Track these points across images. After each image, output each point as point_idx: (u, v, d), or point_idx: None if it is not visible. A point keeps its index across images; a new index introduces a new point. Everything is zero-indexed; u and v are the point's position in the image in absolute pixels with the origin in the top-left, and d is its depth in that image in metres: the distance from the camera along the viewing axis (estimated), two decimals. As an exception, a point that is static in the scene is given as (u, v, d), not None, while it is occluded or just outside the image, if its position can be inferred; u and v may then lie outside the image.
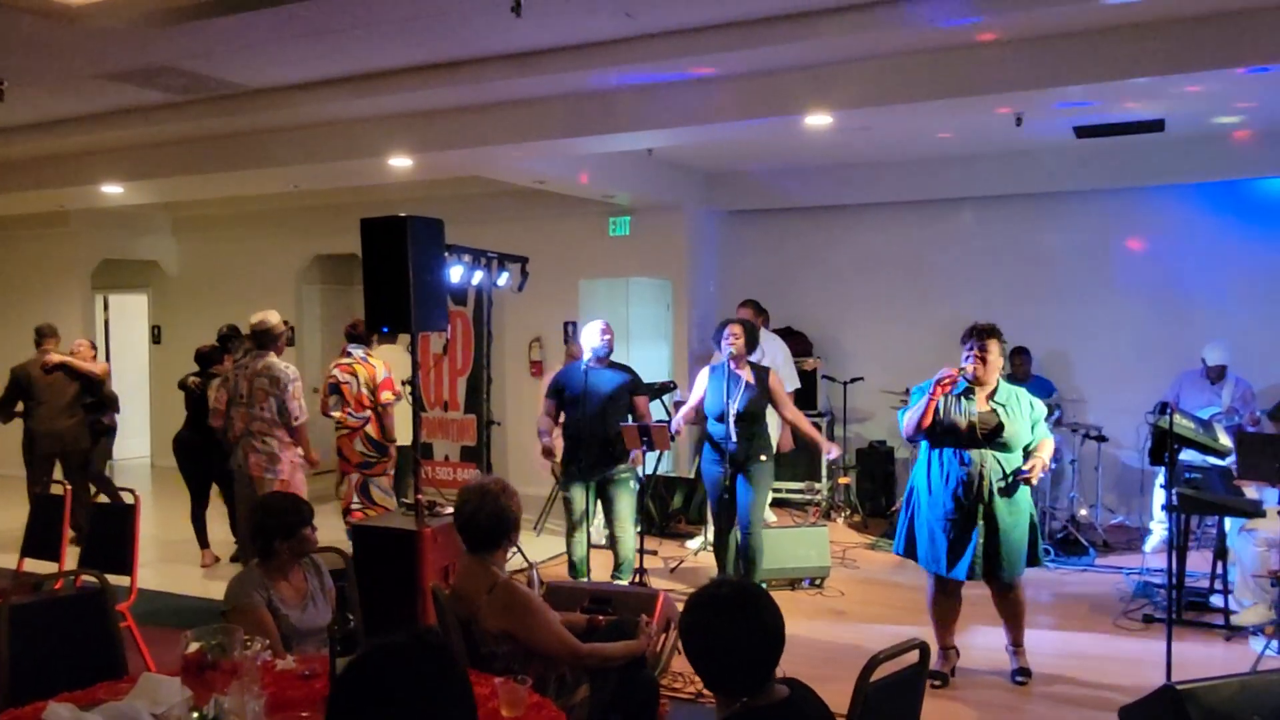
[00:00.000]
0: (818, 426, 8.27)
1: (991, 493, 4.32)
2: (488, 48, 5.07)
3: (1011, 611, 4.54)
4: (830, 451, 5.88)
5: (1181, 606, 5.34)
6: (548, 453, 5.91)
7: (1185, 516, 5.61)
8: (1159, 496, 6.76)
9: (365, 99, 5.71)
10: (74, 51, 4.95)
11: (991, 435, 4.32)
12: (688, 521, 7.80)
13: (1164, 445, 4.33)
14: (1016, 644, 4.60)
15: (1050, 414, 7.05)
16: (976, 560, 4.36)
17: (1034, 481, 4.33)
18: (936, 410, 4.39)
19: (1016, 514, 4.37)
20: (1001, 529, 4.33)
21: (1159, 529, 6.85)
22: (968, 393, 4.39)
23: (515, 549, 3.23)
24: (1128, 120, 6.53)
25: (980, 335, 4.37)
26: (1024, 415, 4.37)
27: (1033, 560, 4.46)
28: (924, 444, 4.53)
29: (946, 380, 4.34)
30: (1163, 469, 5.46)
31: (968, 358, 4.37)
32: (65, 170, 7.69)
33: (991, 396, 4.38)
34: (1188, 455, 5.44)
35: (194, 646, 2.29)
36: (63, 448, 7.28)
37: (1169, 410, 4.35)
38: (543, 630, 2.98)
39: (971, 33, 4.63)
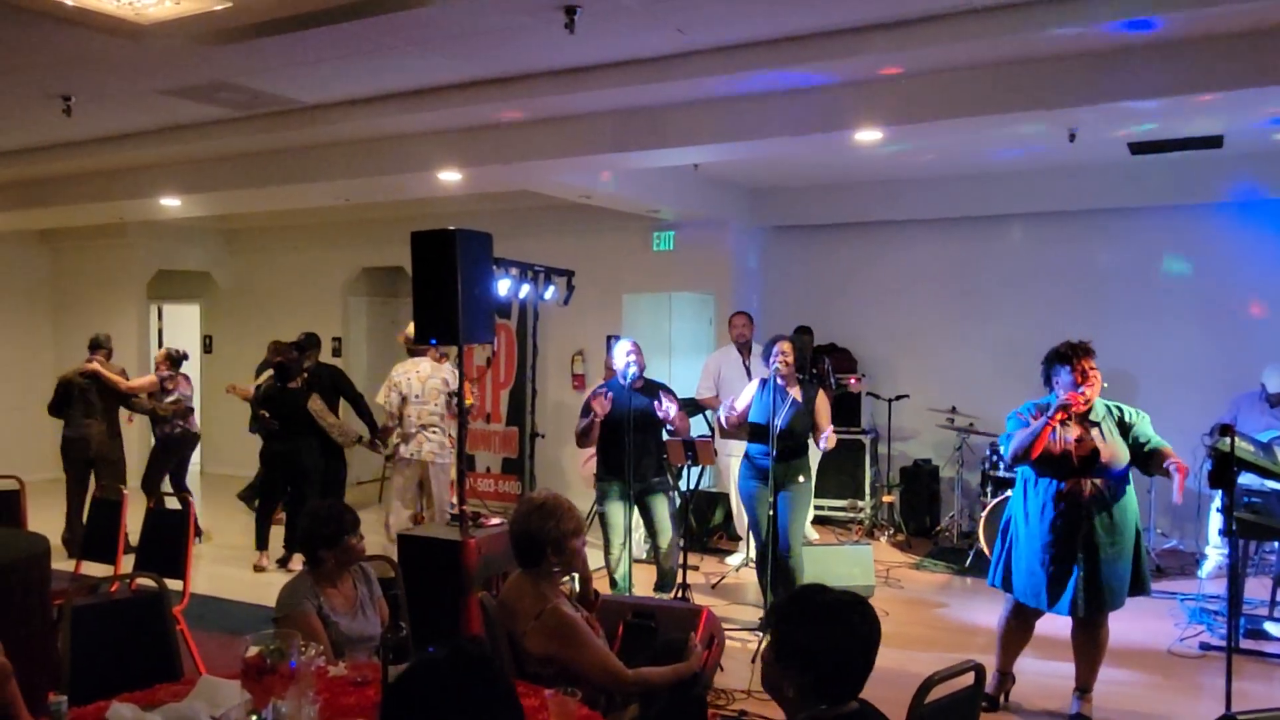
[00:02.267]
0: (860, 444, 8.26)
1: (1093, 523, 4.11)
2: (539, 64, 5.13)
3: (1090, 648, 4.31)
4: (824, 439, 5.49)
5: (1240, 634, 5.21)
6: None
7: (1244, 541, 5.48)
8: (1215, 521, 6.60)
9: (417, 114, 5.79)
10: (139, 68, 5.08)
11: (1089, 461, 4.11)
12: (728, 537, 7.77)
13: (1224, 468, 4.22)
14: (1084, 689, 4.34)
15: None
16: (1079, 594, 4.13)
17: (1179, 487, 3.94)
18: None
19: (1120, 541, 4.14)
20: (1104, 559, 4.11)
21: (1214, 554, 6.69)
22: (1066, 419, 4.18)
23: (575, 572, 3.22)
24: (1185, 136, 6.42)
25: (1083, 354, 4.16)
26: (1118, 432, 4.16)
27: (1137, 588, 4.20)
28: (1022, 472, 4.36)
29: (1069, 406, 4.12)
30: (1219, 493, 5.34)
31: (1070, 382, 4.13)
32: (126, 183, 7.89)
33: (1085, 418, 4.18)
34: (1245, 479, 5.30)
35: (253, 651, 2.32)
36: (89, 454, 7.38)
37: (1230, 433, 4.25)
38: (590, 659, 2.97)
39: (1025, 46, 4.59)
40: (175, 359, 7.83)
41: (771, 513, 5.41)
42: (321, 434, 7.17)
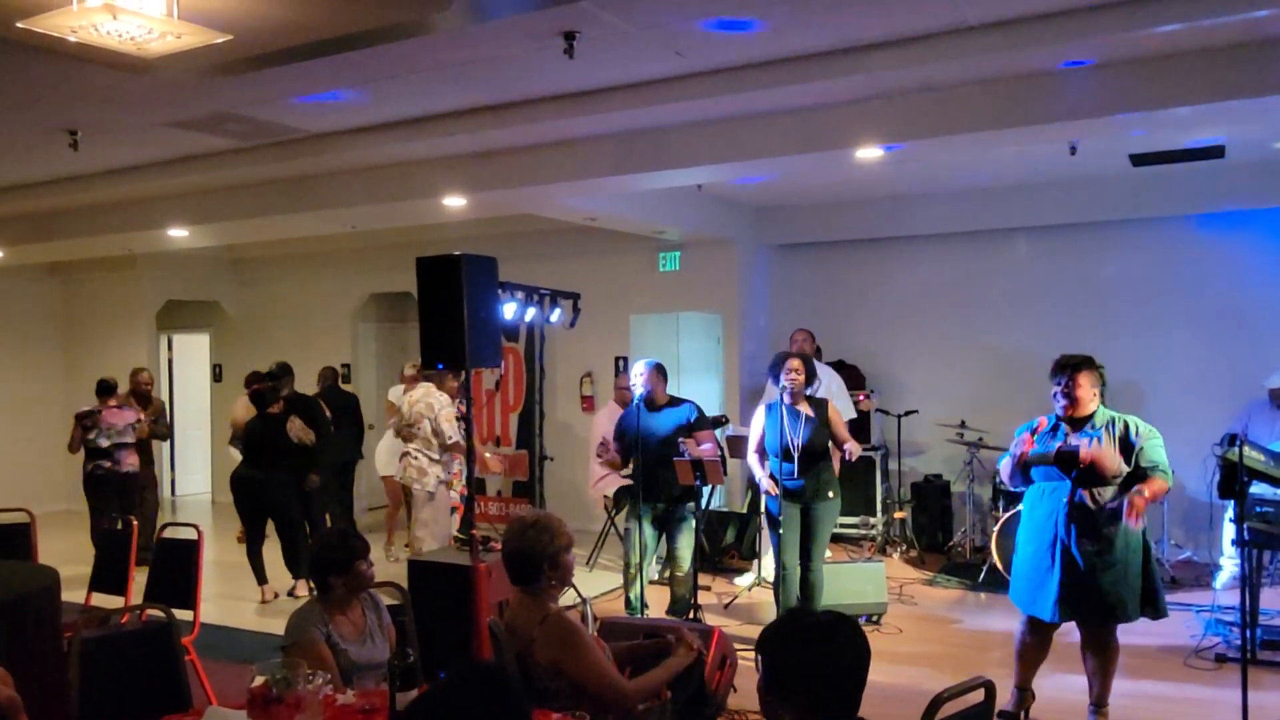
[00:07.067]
0: (871, 461, 8.23)
1: (1073, 529, 4.13)
2: (540, 89, 5.16)
3: (1098, 659, 4.28)
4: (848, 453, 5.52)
5: (1256, 645, 5.16)
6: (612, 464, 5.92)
7: (1258, 552, 5.43)
8: (1229, 531, 6.56)
9: (420, 141, 5.83)
10: (144, 102, 5.13)
11: (1073, 465, 4.13)
12: (740, 556, 7.73)
13: (1233, 478, 4.19)
14: (1099, 704, 4.30)
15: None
16: (1063, 601, 4.13)
17: (1133, 522, 4.00)
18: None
19: (1112, 555, 4.10)
20: (1091, 568, 4.10)
21: (1229, 565, 6.63)
22: (1056, 427, 4.26)
23: (570, 585, 3.22)
24: (1186, 147, 6.42)
25: (1064, 370, 4.21)
26: (1116, 445, 4.14)
27: (1150, 610, 4.16)
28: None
29: (1036, 428, 4.27)
30: (1232, 503, 5.31)
31: (1055, 394, 4.23)
32: (134, 215, 7.95)
33: (1083, 427, 4.19)
34: (1258, 488, 5.27)
35: (259, 680, 2.32)
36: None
37: (1238, 442, 4.22)
38: (591, 666, 2.97)
39: (1023, 62, 4.60)
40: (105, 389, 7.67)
41: (782, 533, 5.39)
42: (296, 467, 7.06)
